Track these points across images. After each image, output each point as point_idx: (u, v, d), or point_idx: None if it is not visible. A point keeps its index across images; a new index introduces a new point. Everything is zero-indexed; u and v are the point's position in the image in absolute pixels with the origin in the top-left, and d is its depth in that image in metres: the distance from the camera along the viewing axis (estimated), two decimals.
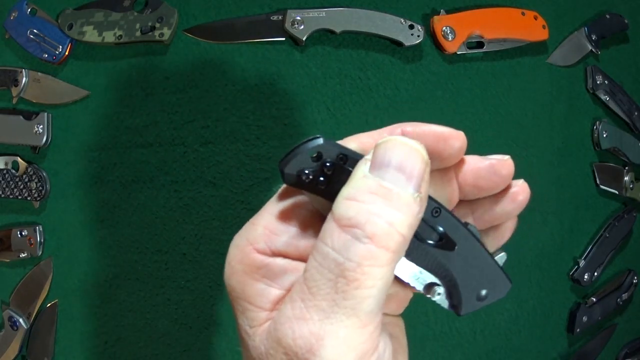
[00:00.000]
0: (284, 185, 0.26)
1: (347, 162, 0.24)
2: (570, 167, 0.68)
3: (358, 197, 0.22)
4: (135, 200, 0.61)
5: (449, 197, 0.28)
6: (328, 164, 0.24)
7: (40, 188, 0.61)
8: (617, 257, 0.71)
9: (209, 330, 0.61)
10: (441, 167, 0.27)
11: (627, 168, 0.70)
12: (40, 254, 0.61)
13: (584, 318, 0.67)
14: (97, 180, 0.61)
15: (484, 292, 0.26)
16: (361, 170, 0.22)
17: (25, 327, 0.61)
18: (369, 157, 0.23)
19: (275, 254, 0.25)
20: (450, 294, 0.26)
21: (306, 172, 0.23)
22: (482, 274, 0.26)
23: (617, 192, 0.69)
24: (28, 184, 0.61)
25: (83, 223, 0.61)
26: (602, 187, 0.68)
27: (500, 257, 0.28)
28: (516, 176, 0.67)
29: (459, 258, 0.25)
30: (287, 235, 0.25)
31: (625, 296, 0.70)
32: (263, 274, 0.24)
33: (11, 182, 0.61)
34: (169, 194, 0.61)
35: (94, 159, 0.61)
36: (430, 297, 0.26)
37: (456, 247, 0.25)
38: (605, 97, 0.69)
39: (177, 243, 0.61)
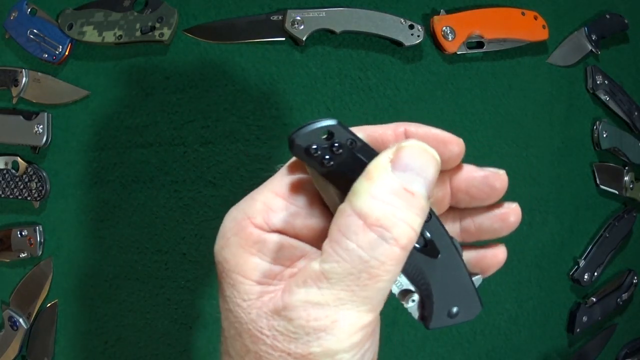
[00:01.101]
0: (286, 165, 0.27)
1: (355, 149, 0.24)
2: (570, 167, 0.68)
3: (384, 197, 0.23)
4: (135, 200, 0.61)
5: (440, 200, 0.29)
6: (337, 145, 0.24)
7: (40, 188, 0.61)
8: (617, 257, 0.71)
9: (209, 330, 0.61)
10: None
11: (627, 168, 0.70)
12: (40, 254, 0.61)
13: (584, 318, 0.67)
14: (97, 180, 0.61)
15: (455, 309, 0.26)
16: (383, 166, 0.23)
17: (25, 327, 0.61)
18: (389, 154, 0.24)
19: (272, 230, 0.25)
20: (422, 305, 0.26)
21: (315, 147, 0.24)
22: (457, 291, 0.26)
23: (617, 192, 0.69)
24: (28, 184, 0.61)
25: (83, 223, 0.61)
26: (602, 187, 0.68)
27: (477, 279, 0.28)
28: (516, 176, 0.68)
29: (439, 268, 0.26)
30: (285, 212, 0.26)
31: (625, 296, 0.70)
32: (258, 249, 0.25)
33: (11, 182, 0.61)
34: (169, 194, 0.61)
35: (94, 159, 0.61)
36: (403, 304, 0.26)
37: (439, 256, 0.26)
38: (605, 97, 0.69)
39: (177, 243, 0.61)
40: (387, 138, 0.27)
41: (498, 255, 0.30)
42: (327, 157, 0.24)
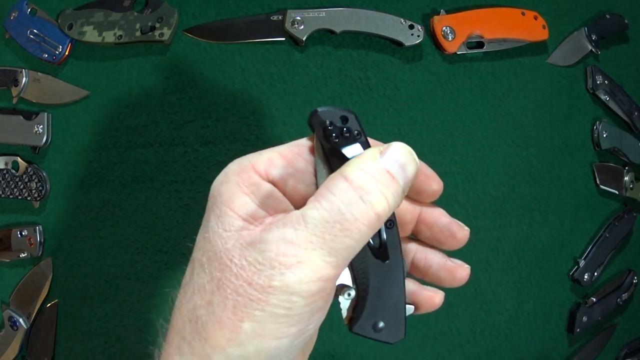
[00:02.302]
0: (296, 140, 0.31)
1: (359, 139, 0.29)
2: (570, 167, 0.68)
3: (370, 171, 0.27)
4: (135, 200, 0.61)
5: (406, 222, 0.33)
6: (347, 129, 0.29)
7: (40, 188, 0.61)
8: (617, 257, 0.71)
9: None
10: (415, 197, 0.33)
11: (627, 168, 0.70)
12: (40, 254, 0.61)
13: (584, 318, 0.67)
14: (97, 180, 0.61)
15: (381, 324, 0.28)
16: (373, 154, 0.28)
17: (25, 327, 0.61)
18: (381, 148, 0.28)
19: (269, 180, 0.29)
20: (355, 305, 0.28)
21: (329, 122, 0.29)
22: (389, 307, 0.28)
23: (617, 192, 0.69)
24: (28, 184, 0.61)
25: (83, 223, 0.61)
26: (602, 187, 0.68)
27: (409, 308, 0.30)
28: (516, 176, 0.67)
29: (382, 274, 0.28)
30: (283, 170, 0.30)
31: (625, 296, 0.70)
32: (252, 190, 0.29)
33: (11, 182, 0.61)
34: (169, 194, 0.61)
35: (94, 159, 0.61)
36: (338, 297, 0.28)
37: (387, 262, 0.28)
38: (605, 97, 0.69)
39: (177, 243, 0.61)
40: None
41: (434, 298, 0.33)
42: (335, 134, 0.29)
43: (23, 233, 0.61)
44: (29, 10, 0.62)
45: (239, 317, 0.25)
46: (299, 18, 0.61)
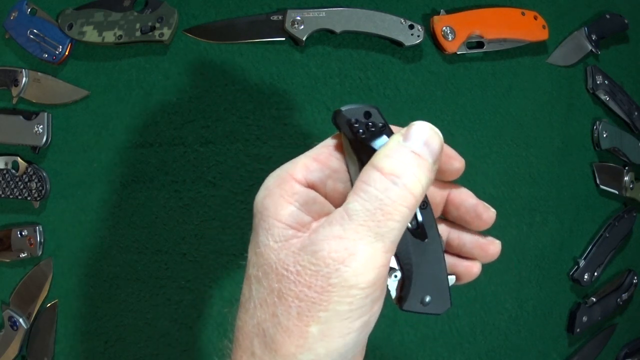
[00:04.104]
0: (324, 141, 0.32)
1: (384, 131, 0.30)
2: (570, 167, 0.68)
3: (397, 156, 0.28)
4: (135, 200, 0.61)
5: (436, 204, 0.34)
6: (371, 124, 0.30)
7: (40, 188, 0.61)
8: (617, 257, 0.71)
9: (209, 330, 0.61)
10: (438, 177, 0.33)
11: (627, 168, 0.70)
12: (40, 254, 0.61)
13: (584, 318, 0.67)
14: (97, 180, 0.61)
15: (428, 298, 0.29)
16: (396, 140, 0.29)
17: (25, 327, 0.61)
18: (402, 132, 0.29)
19: (309, 185, 0.30)
20: (402, 285, 0.29)
21: (355, 119, 0.30)
22: (433, 281, 0.29)
23: (617, 192, 0.69)
24: (28, 184, 0.61)
25: (83, 223, 0.61)
26: (602, 187, 0.68)
27: (451, 278, 0.32)
28: (516, 176, 0.67)
29: (423, 252, 0.29)
30: (321, 173, 0.31)
31: (625, 296, 0.70)
32: (295, 199, 0.29)
33: (11, 182, 0.61)
34: (169, 194, 0.61)
35: (94, 159, 0.61)
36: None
37: (426, 240, 0.29)
38: (605, 97, 0.69)
39: (177, 243, 0.61)
40: None
41: (473, 268, 0.34)
42: (361, 130, 0.30)
43: (23, 233, 0.61)
44: (29, 10, 0.62)
45: (304, 322, 0.26)
46: (299, 18, 0.61)
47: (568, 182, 0.68)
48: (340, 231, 0.26)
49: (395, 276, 0.29)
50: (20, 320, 0.61)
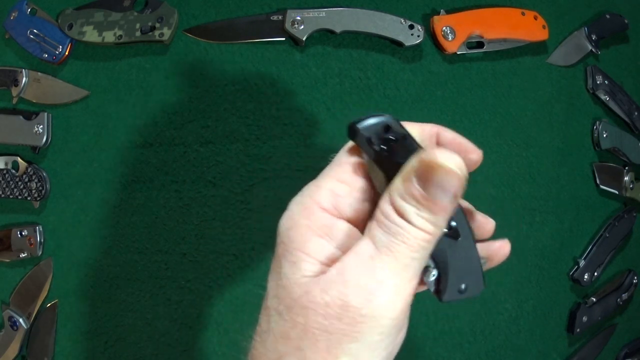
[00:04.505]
0: (343, 153, 0.30)
1: (406, 142, 0.29)
2: (570, 167, 0.68)
3: (406, 198, 0.26)
4: (135, 200, 0.61)
5: None
6: (393, 138, 0.28)
7: (40, 188, 0.61)
8: (617, 257, 0.71)
9: (209, 330, 0.61)
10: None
11: (627, 168, 0.70)
12: (40, 254, 0.61)
13: (584, 318, 0.67)
14: (97, 180, 0.61)
15: (464, 286, 0.29)
16: (408, 177, 0.26)
17: (25, 327, 0.61)
18: (416, 165, 0.26)
19: (342, 216, 0.29)
20: (439, 280, 0.29)
21: (375, 136, 0.28)
22: (468, 270, 0.29)
23: (617, 192, 0.69)
24: (28, 184, 0.61)
25: (83, 223, 0.61)
26: (602, 187, 0.68)
27: (483, 262, 0.31)
28: (516, 176, 0.67)
29: (457, 249, 0.29)
30: (349, 198, 0.29)
31: (625, 296, 0.70)
32: (326, 232, 0.28)
33: (11, 182, 0.61)
34: (169, 194, 0.61)
35: (94, 159, 0.61)
36: (424, 278, 0.29)
37: (459, 239, 0.29)
38: (605, 97, 0.69)
39: (177, 243, 0.61)
40: (423, 138, 0.31)
41: (503, 248, 0.34)
42: (384, 147, 0.28)
43: (23, 233, 0.61)
44: (29, 10, 0.62)
45: (333, 354, 0.25)
46: (299, 18, 0.61)
47: (568, 182, 0.68)
48: (369, 261, 0.26)
49: (433, 275, 0.29)
50: (20, 320, 0.61)
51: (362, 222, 0.29)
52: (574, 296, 0.68)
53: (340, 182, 0.29)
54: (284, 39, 0.62)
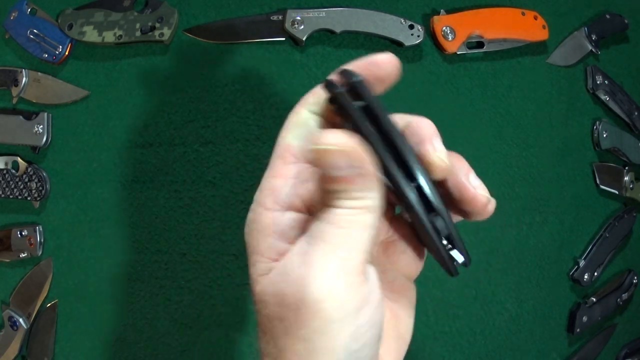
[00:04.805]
0: (277, 152, 0.32)
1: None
2: (570, 167, 0.68)
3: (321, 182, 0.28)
4: (135, 200, 0.61)
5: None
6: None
7: (40, 188, 0.61)
8: (617, 257, 0.71)
9: (209, 330, 0.61)
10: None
11: (627, 168, 0.70)
12: (40, 254, 0.61)
13: (584, 318, 0.67)
14: (97, 180, 0.61)
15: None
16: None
17: (25, 327, 0.61)
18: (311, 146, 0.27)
19: (283, 206, 0.29)
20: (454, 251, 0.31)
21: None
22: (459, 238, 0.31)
23: (617, 192, 0.69)
24: (28, 184, 0.61)
25: (83, 223, 0.61)
26: (602, 187, 0.68)
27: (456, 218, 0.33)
28: (516, 176, 0.67)
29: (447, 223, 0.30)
30: (287, 187, 0.30)
31: (625, 296, 0.70)
32: (273, 230, 0.29)
33: (11, 182, 0.61)
34: (169, 194, 0.61)
35: (94, 159, 0.61)
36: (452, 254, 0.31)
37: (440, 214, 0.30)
38: (605, 97, 0.69)
39: (177, 243, 0.61)
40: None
41: (477, 198, 0.32)
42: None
43: (23, 233, 0.61)
44: (29, 10, 0.62)
45: (291, 341, 0.26)
46: (299, 18, 0.61)
47: (568, 182, 0.68)
48: (304, 246, 0.26)
49: (449, 247, 0.30)
50: (20, 320, 0.61)
51: (310, 202, 0.30)
52: (574, 296, 0.68)
53: (274, 177, 0.30)
54: (284, 39, 0.62)
